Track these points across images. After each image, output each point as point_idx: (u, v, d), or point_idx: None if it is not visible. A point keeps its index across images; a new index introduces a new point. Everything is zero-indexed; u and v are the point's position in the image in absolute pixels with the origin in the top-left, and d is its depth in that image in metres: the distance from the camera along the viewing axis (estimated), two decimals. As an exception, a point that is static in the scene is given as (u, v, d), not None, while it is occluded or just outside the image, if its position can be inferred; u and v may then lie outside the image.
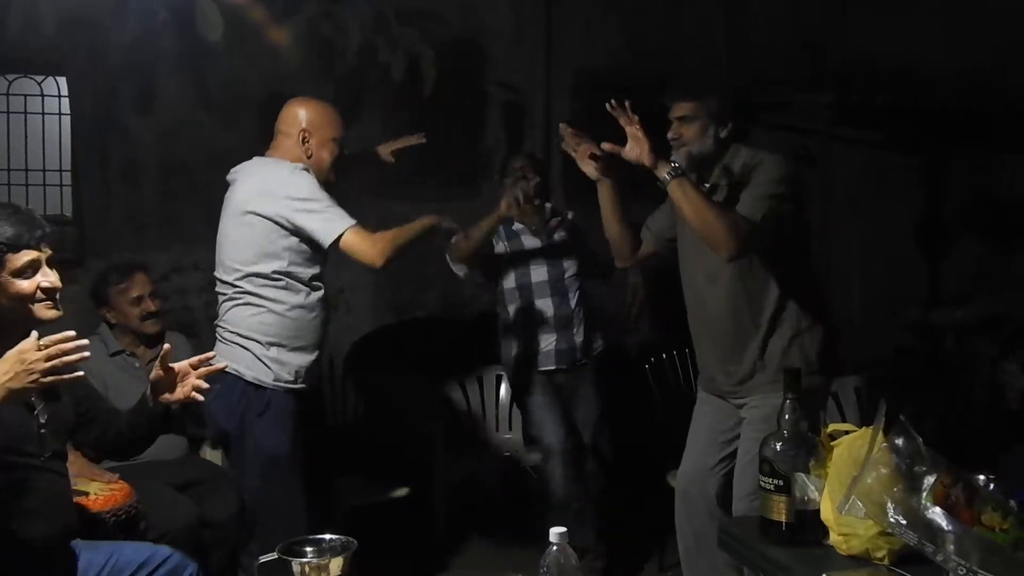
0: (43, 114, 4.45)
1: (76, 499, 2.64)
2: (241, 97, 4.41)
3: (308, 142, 2.87)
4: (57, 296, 2.13)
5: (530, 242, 3.68)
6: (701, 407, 2.96)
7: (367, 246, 2.74)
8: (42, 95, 4.43)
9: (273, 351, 2.80)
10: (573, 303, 3.68)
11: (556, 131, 4.08)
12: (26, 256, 2.04)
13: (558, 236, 3.72)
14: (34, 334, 1.88)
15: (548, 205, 3.78)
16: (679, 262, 2.93)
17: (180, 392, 2.21)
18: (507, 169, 3.73)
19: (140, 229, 4.38)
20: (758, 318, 2.73)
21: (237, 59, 4.14)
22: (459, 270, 3.51)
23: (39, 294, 2.07)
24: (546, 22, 5.01)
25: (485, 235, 3.44)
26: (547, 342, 3.64)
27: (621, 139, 2.57)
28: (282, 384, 2.81)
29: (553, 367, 3.64)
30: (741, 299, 2.74)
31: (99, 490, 2.75)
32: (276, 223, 2.75)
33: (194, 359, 2.24)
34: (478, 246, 3.43)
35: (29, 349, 1.84)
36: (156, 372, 2.20)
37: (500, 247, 3.69)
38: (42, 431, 2.11)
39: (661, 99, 2.64)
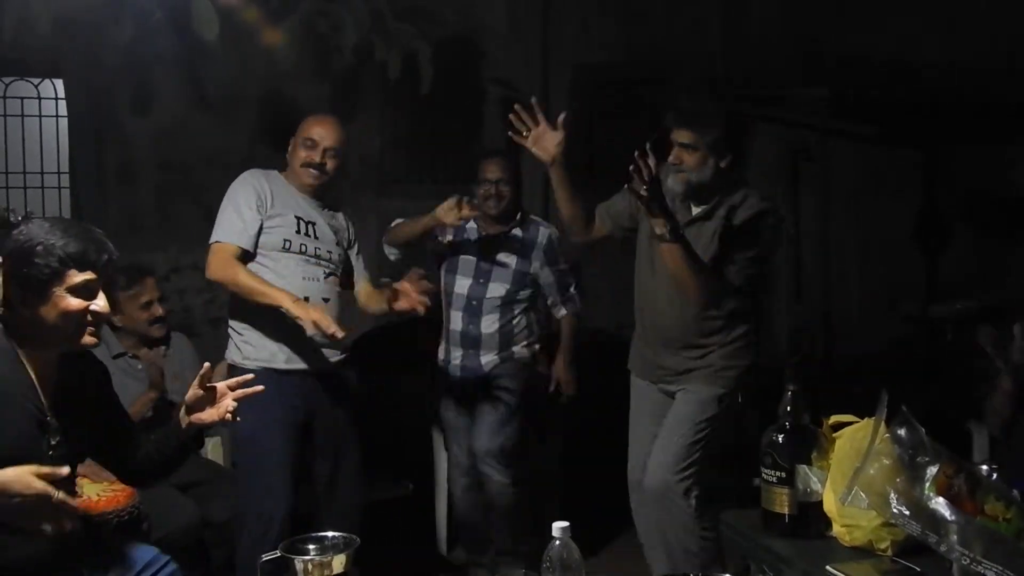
0: (40, 116, 4.45)
1: (78, 500, 2.64)
2: (238, 96, 4.41)
3: (290, 148, 3.08)
4: (102, 324, 2.06)
5: (469, 249, 3.45)
6: (638, 401, 3.04)
7: (212, 262, 2.91)
8: (39, 97, 4.43)
9: (246, 333, 2.97)
10: (485, 327, 3.41)
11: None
12: (86, 276, 1.96)
13: (502, 256, 3.43)
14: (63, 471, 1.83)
15: (518, 228, 3.48)
16: (636, 257, 3.00)
17: (215, 413, 2.16)
18: (479, 172, 3.46)
19: (138, 230, 4.37)
20: (709, 325, 2.85)
21: (233, 58, 4.13)
22: (390, 253, 3.43)
23: (88, 317, 1.98)
24: (543, 19, 5.01)
25: (415, 234, 3.32)
26: (455, 355, 3.47)
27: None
28: (251, 363, 2.92)
29: (458, 379, 3.47)
30: (695, 309, 2.82)
31: (102, 491, 2.74)
32: None
33: (232, 380, 2.22)
34: (410, 239, 3.34)
35: (42, 486, 1.78)
36: (194, 392, 2.14)
37: (446, 239, 3.49)
38: (51, 453, 1.98)
39: (664, 122, 2.71)
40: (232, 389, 2.18)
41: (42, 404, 2.00)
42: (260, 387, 2.25)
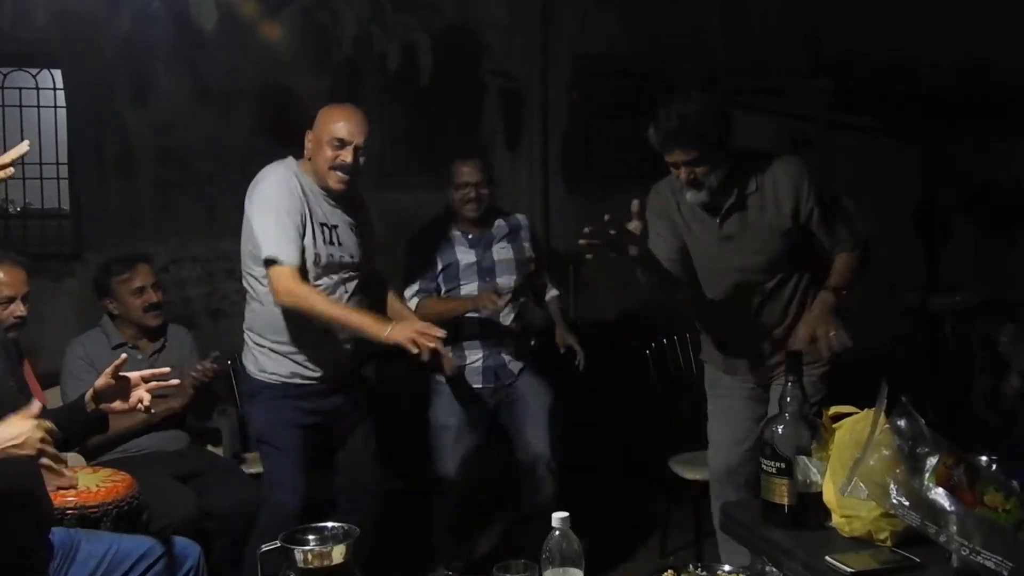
0: (38, 107, 4.44)
1: (77, 492, 2.65)
2: (236, 88, 4.40)
3: (309, 143, 2.86)
4: None
5: (464, 256, 3.41)
6: (724, 395, 2.98)
7: (281, 288, 2.69)
8: (37, 88, 4.42)
9: (266, 346, 2.89)
10: (504, 319, 3.39)
11: (554, 119, 4.00)
12: None
13: (497, 248, 3.45)
14: (35, 407, 1.92)
15: (499, 219, 3.51)
16: (699, 276, 2.92)
17: (124, 404, 2.15)
18: (453, 177, 3.41)
19: (137, 222, 4.37)
20: (785, 311, 2.87)
21: (232, 49, 4.13)
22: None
23: None
24: (543, 9, 4.99)
25: (446, 316, 3.23)
26: (474, 358, 3.40)
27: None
28: (267, 376, 2.89)
29: (480, 385, 3.41)
30: (775, 300, 2.86)
31: (101, 481, 2.74)
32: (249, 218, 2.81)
33: (146, 372, 2.19)
34: (440, 319, 3.09)
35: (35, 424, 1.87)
36: (105, 380, 2.13)
37: (438, 264, 3.43)
38: None
39: (659, 149, 2.65)
40: (146, 380, 2.17)
41: None
42: (175, 380, 2.28)
